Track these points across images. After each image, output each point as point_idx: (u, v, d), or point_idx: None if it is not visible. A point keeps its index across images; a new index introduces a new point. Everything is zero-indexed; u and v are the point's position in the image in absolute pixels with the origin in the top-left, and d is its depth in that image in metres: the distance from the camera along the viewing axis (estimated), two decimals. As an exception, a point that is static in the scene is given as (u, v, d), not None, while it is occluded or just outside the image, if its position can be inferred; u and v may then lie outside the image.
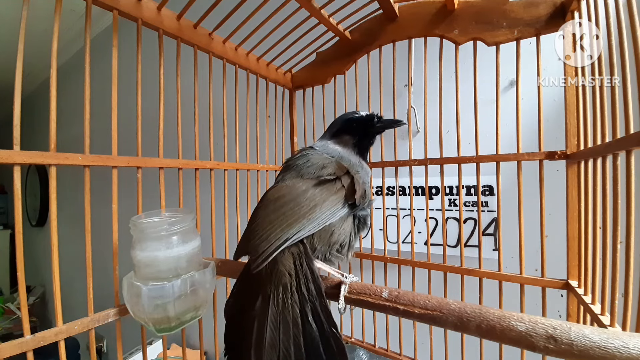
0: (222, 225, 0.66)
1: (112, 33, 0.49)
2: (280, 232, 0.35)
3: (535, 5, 0.52)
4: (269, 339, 0.30)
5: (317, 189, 0.39)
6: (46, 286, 3.07)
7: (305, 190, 0.39)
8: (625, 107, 0.33)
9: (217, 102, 0.64)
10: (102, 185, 0.56)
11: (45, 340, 0.39)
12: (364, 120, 0.50)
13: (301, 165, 0.43)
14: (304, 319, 0.31)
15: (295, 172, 0.43)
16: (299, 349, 0.30)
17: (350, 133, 0.50)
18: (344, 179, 0.41)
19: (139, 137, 0.52)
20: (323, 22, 0.63)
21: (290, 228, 0.35)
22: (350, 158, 0.47)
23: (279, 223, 0.36)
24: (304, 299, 0.32)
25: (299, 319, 0.31)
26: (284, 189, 0.40)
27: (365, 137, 0.50)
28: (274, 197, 0.40)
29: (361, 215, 0.42)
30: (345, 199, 0.39)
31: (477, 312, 0.28)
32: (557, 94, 0.65)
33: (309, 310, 0.32)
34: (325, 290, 0.39)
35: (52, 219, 0.41)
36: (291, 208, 0.37)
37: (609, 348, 0.23)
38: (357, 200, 0.39)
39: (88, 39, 0.46)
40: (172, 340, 1.45)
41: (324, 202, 0.38)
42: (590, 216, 0.43)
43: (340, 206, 0.39)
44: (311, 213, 0.36)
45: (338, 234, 0.39)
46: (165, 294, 0.40)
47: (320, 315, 0.32)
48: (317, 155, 0.45)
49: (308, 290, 0.33)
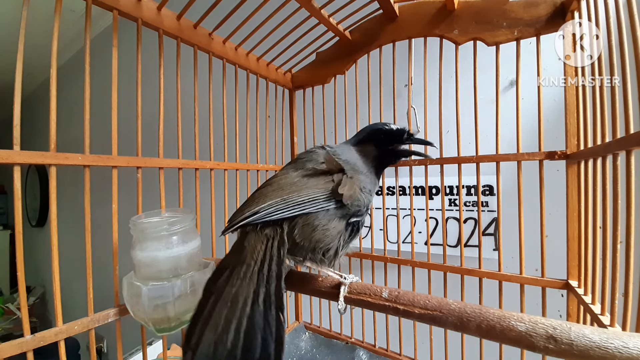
0: (222, 225, 0.65)
1: (112, 33, 0.49)
2: (255, 205, 0.36)
3: (535, 5, 0.52)
4: (214, 318, 0.29)
5: (305, 178, 0.40)
6: (46, 286, 3.08)
7: (293, 178, 0.40)
8: (625, 107, 0.33)
9: (217, 102, 0.64)
10: (102, 185, 0.56)
11: (45, 340, 0.39)
12: (393, 134, 0.46)
13: (303, 161, 0.44)
14: (254, 300, 0.30)
15: (294, 165, 0.44)
16: (237, 333, 0.28)
17: (375, 145, 0.46)
18: (337, 175, 0.40)
19: (139, 137, 0.52)
20: (323, 22, 0.63)
21: (263, 203, 0.36)
22: (360, 167, 0.44)
23: (257, 201, 0.37)
24: (261, 281, 0.31)
25: (250, 299, 0.30)
26: (276, 176, 0.41)
27: (389, 155, 0.47)
28: (264, 185, 0.41)
29: (354, 222, 0.40)
30: (332, 193, 0.38)
31: (477, 312, 0.28)
32: (557, 94, 0.65)
33: (262, 292, 0.31)
34: (325, 290, 0.39)
35: (52, 219, 0.41)
36: (274, 190, 0.38)
37: (609, 348, 0.23)
38: (345, 198, 0.38)
39: (88, 39, 0.46)
40: (172, 340, 1.44)
41: (307, 189, 0.38)
42: (590, 216, 0.43)
43: (323, 198, 0.38)
44: (288, 194, 0.37)
45: (322, 232, 0.38)
46: (165, 294, 0.41)
47: (271, 297, 0.30)
48: (322, 153, 0.44)
49: (269, 272, 0.32)
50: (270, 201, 0.37)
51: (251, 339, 0.28)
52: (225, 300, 0.30)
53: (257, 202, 0.38)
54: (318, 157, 0.43)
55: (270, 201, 0.37)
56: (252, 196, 0.41)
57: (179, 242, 0.43)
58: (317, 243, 0.38)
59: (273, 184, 0.40)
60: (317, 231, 0.37)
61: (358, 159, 0.45)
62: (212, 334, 0.28)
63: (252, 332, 0.28)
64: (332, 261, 0.40)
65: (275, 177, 0.43)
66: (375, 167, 0.46)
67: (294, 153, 0.86)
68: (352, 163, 0.44)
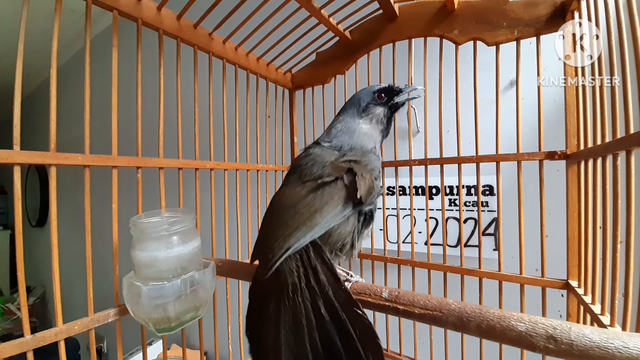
0: (222, 225, 0.66)
1: (112, 33, 0.49)
2: (282, 241, 0.34)
3: (535, 5, 0.52)
4: (285, 341, 0.29)
5: (317, 192, 0.37)
6: (46, 286, 3.08)
7: (305, 196, 0.37)
8: (625, 107, 0.33)
9: (217, 102, 0.64)
10: (102, 185, 0.56)
11: (45, 341, 0.39)
12: (389, 90, 0.48)
13: (304, 166, 0.42)
14: (317, 314, 0.30)
15: (298, 175, 0.42)
16: (315, 347, 0.29)
17: (382, 105, 0.48)
18: (347, 177, 0.39)
19: (139, 137, 0.52)
20: (323, 22, 0.63)
21: (291, 237, 0.34)
22: (367, 141, 0.45)
23: (282, 232, 0.35)
24: (315, 294, 0.31)
25: (312, 314, 0.30)
26: (285, 194, 0.39)
27: (394, 110, 0.49)
28: (277, 203, 0.39)
29: (367, 211, 0.40)
30: (348, 199, 0.37)
31: (477, 312, 0.28)
32: (557, 94, 0.65)
33: (321, 303, 0.31)
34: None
35: (52, 219, 0.41)
36: (292, 215, 0.36)
37: (609, 348, 0.23)
38: (364, 199, 0.37)
39: (88, 39, 0.46)
40: (172, 340, 1.45)
41: (324, 206, 0.36)
42: (590, 216, 0.43)
43: (341, 208, 0.37)
44: (310, 220, 0.35)
45: (337, 234, 0.38)
46: (165, 294, 0.40)
47: (335, 303, 0.30)
48: (320, 152, 0.43)
49: (318, 283, 0.32)
50: (297, 233, 0.35)
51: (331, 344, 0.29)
52: (286, 328, 0.30)
53: (282, 232, 0.35)
54: (318, 158, 0.42)
55: (297, 232, 0.35)
56: (268, 223, 0.38)
57: (179, 242, 0.43)
58: (334, 244, 0.38)
59: (288, 208, 0.37)
60: (333, 235, 0.38)
61: (366, 131, 0.45)
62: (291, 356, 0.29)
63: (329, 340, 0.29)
64: (350, 255, 0.40)
65: (282, 194, 0.40)
66: (385, 126, 0.48)
67: (294, 153, 0.86)
68: (358, 146, 0.43)
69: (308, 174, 0.40)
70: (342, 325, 0.30)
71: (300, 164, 0.43)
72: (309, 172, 0.40)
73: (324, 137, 0.48)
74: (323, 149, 0.44)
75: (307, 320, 0.30)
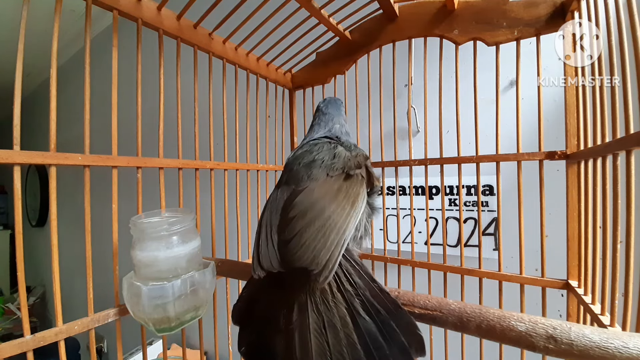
0: (222, 225, 0.66)
1: (112, 33, 0.49)
2: (336, 236, 0.32)
3: (535, 5, 0.52)
4: (316, 347, 0.28)
5: (347, 183, 0.39)
6: (46, 286, 3.08)
7: (339, 188, 0.38)
8: (625, 107, 0.33)
9: (217, 102, 0.64)
10: (102, 185, 0.56)
11: (45, 340, 0.39)
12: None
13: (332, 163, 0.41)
14: (354, 316, 0.29)
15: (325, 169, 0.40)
16: (354, 348, 0.28)
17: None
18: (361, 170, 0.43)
19: (139, 137, 0.52)
20: (323, 22, 0.63)
21: (342, 232, 0.33)
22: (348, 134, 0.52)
23: (330, 228, 0.33)
24: (351, 296, 0.31)
25: (347, 317, 0.29)
26: (315, 192, 0.37)
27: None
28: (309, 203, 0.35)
29: (371, 201, 0.43)
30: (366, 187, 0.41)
31: (477, 312, 0.28)
32: (557, 94, 0.65)
33: (359, 305, 0.30)
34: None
35: (52, 219, 0.41)
36: (334, 210, 0.34)
37: (609, 348, 0.23)
38: (375, 186, 0.42)
39: (88, 39, 0.46)
40: (172, 340, 1.45)
41: (358, 195, 0.39)
42: (590, 216, 0.43)
43: (365, 196, 0.40)
44: (353, 209, 0.36)
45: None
46: (165, 294, 0.40)
47: (375, 304, 0.30)
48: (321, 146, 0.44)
49: (354, 285, 0.31)
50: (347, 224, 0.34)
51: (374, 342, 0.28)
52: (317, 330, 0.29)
53: (332, 228, 0.33)
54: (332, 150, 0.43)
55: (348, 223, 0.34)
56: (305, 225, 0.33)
57: (179, 242, 0.43)
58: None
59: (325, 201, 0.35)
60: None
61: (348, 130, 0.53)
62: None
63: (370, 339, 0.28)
64: (360, 245, 0.41)
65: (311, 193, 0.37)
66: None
67: (294, 153, 0.86)
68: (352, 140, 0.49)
69: (330, 168, 0.41)
70: (385, 323, 0.29)
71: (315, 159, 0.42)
72: (331, 166, 0.41)
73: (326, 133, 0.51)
74: (336, 145, 0.46)
75: (342, 324, 0.29)
